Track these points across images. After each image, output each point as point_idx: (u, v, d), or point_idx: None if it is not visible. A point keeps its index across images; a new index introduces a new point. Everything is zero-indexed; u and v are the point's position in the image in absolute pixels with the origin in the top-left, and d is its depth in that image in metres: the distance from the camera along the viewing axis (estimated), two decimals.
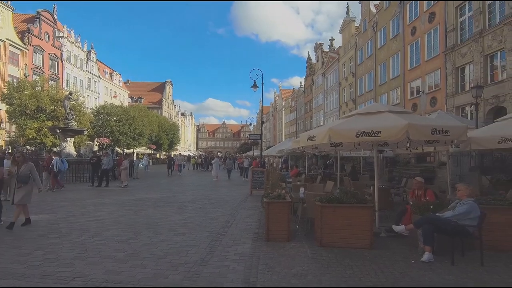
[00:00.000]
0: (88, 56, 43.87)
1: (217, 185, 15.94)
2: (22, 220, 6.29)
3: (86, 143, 27.57)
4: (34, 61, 33.22)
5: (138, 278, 3.66)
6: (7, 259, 4.24)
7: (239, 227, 6.42)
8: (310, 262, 4.34)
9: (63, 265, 4.04)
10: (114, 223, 6.55)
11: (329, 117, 35.88)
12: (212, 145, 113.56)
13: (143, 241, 5.23)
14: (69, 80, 38.94)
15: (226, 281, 3.67)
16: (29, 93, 22.35)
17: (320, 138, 5.71)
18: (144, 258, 4.38)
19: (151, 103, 63.53)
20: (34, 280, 3.53)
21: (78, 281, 3.54)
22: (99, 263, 4.15)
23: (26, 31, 32.27)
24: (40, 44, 33.96)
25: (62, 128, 18.00)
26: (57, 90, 25.57)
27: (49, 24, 35.68)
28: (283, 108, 63.62)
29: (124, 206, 8.73)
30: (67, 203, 9.10)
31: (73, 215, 7.42)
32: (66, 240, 5.23)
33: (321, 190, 7.95)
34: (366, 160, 19.62)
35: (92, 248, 4.77)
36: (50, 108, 22.63)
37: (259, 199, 10.16)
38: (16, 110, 21.98)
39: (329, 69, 36.36)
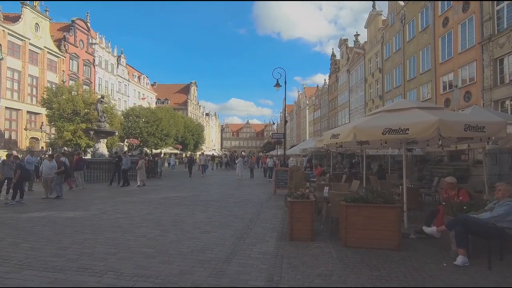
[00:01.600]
0: (118, 61, 45.97)
1: (241, 184, 16.09)
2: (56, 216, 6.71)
3: (117, 144, 28.98)
4: (70, 67, 35.38)
5: (166, 274, 3.79)
6: (48, 252, 4.57)
7: (263, 226, 6.44)
8: (334, 262, 4.27)
9: (97, 259, 4.29)
10: (142, 221, 6.84)
11: (354, 115, 34.93)
12: (236, 145, 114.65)
13: (170, 238, 5.41)
14: (101, 84, 41.06)
15: (250, 279, 3.70)
16: (66, 97, 23.88)
17: (344, 136, 5.59)
18: (171, 254, 4.54)
19: (177, 104, 65.39)
20: (72, 273, 3.78)
21: (111, 274, 3.74)
22: (129, 258, 4.35)
23: (62, 39, 34.44)
24: (75, 51, 36.11)
25: (95, 130, 19.03)
26: (90, 94, 27.09)
27: (83, 32, 37.82)
28: (307, 106, 62.82)
29: (151, 204, 9.07)
30: (98, 201, 9.61)
31: (105, 212, 7.83)
32: (99, 235, 5.54)
33: (346, 189, 7.78)
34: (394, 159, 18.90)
35: (123, 244, 5.02)
36: (84, 111, 24.03)
37: (283, 198, 10.13)
38: (55, 114, 23.58)
39: (354, 66, 35.38)
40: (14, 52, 28.63)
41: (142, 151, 31.75)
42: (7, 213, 7.36)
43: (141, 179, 14.15)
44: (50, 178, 10.22)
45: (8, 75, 27.98)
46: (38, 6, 30.85)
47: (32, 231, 5.84)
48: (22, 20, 29.01)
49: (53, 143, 26.45)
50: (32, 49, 30.27)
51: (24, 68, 29.40)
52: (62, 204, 8.94)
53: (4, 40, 27.22)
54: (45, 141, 30.18)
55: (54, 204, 9.04)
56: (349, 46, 38.70)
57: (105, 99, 23.92)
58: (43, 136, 30.79)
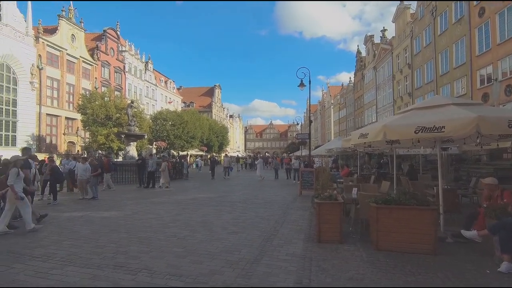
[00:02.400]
0: (146, 67, 47.83)
1: (266, 185, 16.09)
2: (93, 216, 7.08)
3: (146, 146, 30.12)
4: (102, 75, 37.38)
5: (196, 273, 3.88)
6: (87, 250, 4.85)
7: (290, 228, 6.40)
8: (366, 266, 4.14)
9: (131, 257, 4.48)
10: (172, 221, 7.04)
11: (382, 113, 33.72)
12: (260, 146, 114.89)
13: (199, 239, 5.53)
14: (130, 90, 42.93)
15: (279, 280, 3.69)
16: (99, 103, 25.24)
17: (373, 135, 5.41)
18: (201, 254, 4.63)
19: (202, 107, 66.78)
20: (109, 270, 3.98)
21: (145, 272, 3.89)
22: (161, 257, 4.50)
23: (95, 48, 36.48)
24: (107, 59, 38.08)
25: (126, 134, 19.90)
26: (121, 99, 28.43)
27: (114, 40, 39.81)
28: (332, 105, 61.59)
29: (180, 205, 9.32)
30: (131, 202, 10.03)
31: (137, 212, 8.16)
32: (133, 235, 5.78)
33: (375, 190, 7.52)
34: (427, 158, 17.99)
35: (155, 244, 5.20)
36: (116, 115, 25.25)
37: (309, 199, 10.00)
38: (89, 119, 25.01)
39: (381, 62, 34.17)
40: (53, 62, 30.72)
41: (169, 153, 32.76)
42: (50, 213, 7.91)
43: (164, 181, 14.38)
44: (84, 180, 10.82)
45: (48, 84, 30.09)
46: (73, 18, 32.90)
47: (73, 230, 6.21)
48: (59, 32, 31.07)
49: (87, 146, 28.03)
50: (69, 58, 32.32)
51: (62, 77, 31.48)
52: (97, 205, 9.44)
53: (43, 51, 29.30)
54: (81, 145, 32.05)
55: (90, 204, 9.57)
56: (375, 42, 37.48)
57: (135, 104, 24.98)
58: (78, 140, 32.73)
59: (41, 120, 29.01)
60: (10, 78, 26.69)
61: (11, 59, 26.23)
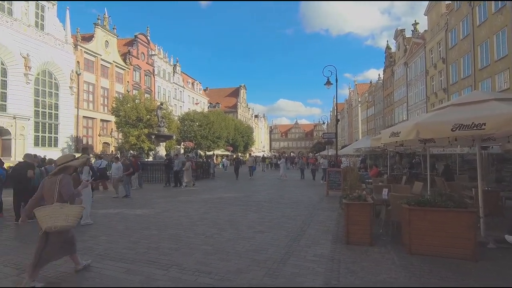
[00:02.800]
0: (174, 69, 49.34)
1: (291, 185, 15.97)
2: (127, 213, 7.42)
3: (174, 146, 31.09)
4: (133, 78, 39.13)
5: (224, 271, 3.95)
6: (122, 245, 5.10)
7: (317, 228, 6.31)
8: (398, 270, 3.98)
9: (162, 254, 4.65)
10: (200, 219, 7.21)
11: (413, 111, 32.18)
12: (285, 146, 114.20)
13: (226, 237, 5.62)
14: (159, 92, 44.50)
15: (306, 281, 3.66)
16: (131, 105, 26.45)
17: (405, 134, 5.18)
18: (228, 252, 4.71)
19: (227, 108, 67.67)
20: (142, 264, 4.17)
21: (175, 268, 4.03)
22: (191, 254, 4.63)
23: (127, 53, 38.28)
24: (138, 63, 39.81)
25: (156, 135, 20.68)
26: (151, 102, 29.56)
27: (144, 45, 41.52)
28: (359, 104, 59.78)
29: (207, 204, 9.52)
30: (161, 200, 10.41)
31: (167, 210, 8.45)
32: (163, 232, 6.00)
33: (407, 191, 7.19)
34: (464, 158, 16.89)
35: (184, 241, 5.36)
36: (146, 117, 26.31)
37: (336, 200, 9.79)
38: (122, 121, 26.29)
39: (413, 57, 32.61)
40: (89, 67, 32.65)
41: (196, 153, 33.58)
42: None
43: (187, 180, 14.58)
44: (117, 178, 11.38)
45: (84, 88, 32.03)
46: (107, 25, 34.75)
47: (108, 226, 6.57)
48: (94, 39, 32.97)
49: (120, 147, 29.47)
50: (103, 63, 34.18)
51: (97, 81, 33.37)
52: (130, 203, 9.90)
53: (81, 58, 31.24)
54: (114, 146, 33.75)
55: (124, 202, 10.06)
56: (406, 37, 35.85)
57: (164, 106, 25.88)
58: (112, 141, 34.50)
59: (78, 122, 30.95)
60: (52, 84, 28.74)
61: (53, 65, 28.22)
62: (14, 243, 5.34)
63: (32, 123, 26.14)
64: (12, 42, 24.11)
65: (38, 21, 26.91)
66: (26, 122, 25.18)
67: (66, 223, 3.51)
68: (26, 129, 25.18)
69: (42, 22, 27.36)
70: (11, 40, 24.02)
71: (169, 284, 3.56)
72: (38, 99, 27.24)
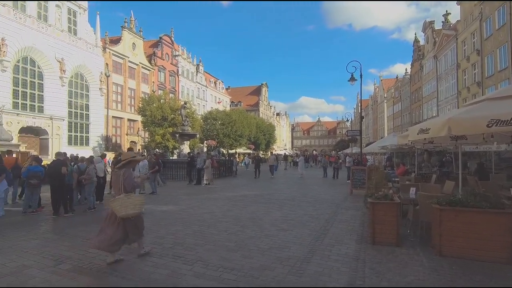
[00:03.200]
0: (197, 69, 50.29)
1: (314, 183, 15.78)
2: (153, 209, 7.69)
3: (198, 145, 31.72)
4: (158, 78, 40.35)
5: (248, 267, 3.99)
6: (149, 240, 5.29)
7: (341, 227, 6.20)
8: (427, 272, 3.83)
9: (187, 249, 4.78)
10: (223, 216, 7.33)
11: (443, 107, 30.62)
12: (307, 144, 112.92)
13: (249, 234, 5.67)
14: (183, 92, 45.57)
15: (331, 280, 3.62)
16: (156, 105, 27.31)
17: (435, 130, 4.94)
18: (251, 250, 4.75)
19: (249, 106, 67.99)
20: (168, 259, 4.31)
21: (200, 264, 4.13)
22: (214, 250, 4.73)
23: (152, 54, 39.53)
24: (162, 64, 40.99)
25: (180, 133, 21.21)
26: (175, 101, 30.35)
27: (168, 46, 42.66)
28: (385, 100, 57.76)
29: (230, 201, 9.64)
30: (185, 197, 10.67)
31: (191, 207, 8.66)
32: (188, 228, 6.16)
33: (437, 191, 6.87)
34: (501, 156, 15.87)
35: (208, 237, 5.47)
36: (171, 116, 27.05)
37: (361, 199, 9.56)
38: (148, 120, 27.22)
39: (444, 50, 30.97)
40: (117, 69, 34.08)
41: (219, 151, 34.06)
42: None
43: (207, 177, 14.69)
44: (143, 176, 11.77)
45: (113, 89, 33.49)
46: (134, 28, 36.06)
47: None
48: (122, 41, 34.34)
49: (147, 145, 30.53)
50: (130, 65, 35.54)
51: (124, 82, 34.77)
52: (156, 199, 10.25)
53: (110, 60, 32.67)
54: (141, 144, 35.04)
55: (150, 199, 10.41)
56: (435, 29, 34.10)
57: (187, 105, 26.48)
58: (139, 139, 35.83)
59: (108, 122, 32.44)
60: (83, 86, 30.32)
61: (84, 68, 29.75)
62: (52, 236, 5.71)
63: (66, 123, 27.76)
64: (47, 47, 25.67)
65: (71, 26, 28.45)
66: (61, 123, 26.78)
67: (134, 210, 4.19)
68: (61, 129, 26.80)
69: (75, 27, 28.89)
70: (46, 45, 25.58)
71: (193, 279, 3.65)
72: (71, 101, 28.87)
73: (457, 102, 27.22)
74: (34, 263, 4.19)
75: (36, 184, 7.70)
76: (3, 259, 4.31)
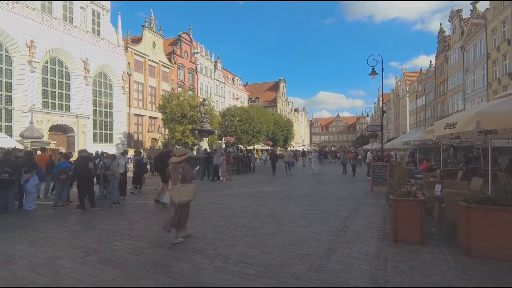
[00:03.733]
0: (215, 66, 50.70)
1: (333, 180, 15.56)
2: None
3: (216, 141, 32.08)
4: (178, 76, 41.06)
5: (267, 263, 4.01)
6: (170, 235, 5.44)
7: (361, 225, 6.09)
8: (453, 272, 3.69)
9: (208, 244, 4.87)
10: (242, 212, 7.39)
11: (471, 100, 29.18)
12: (326, 140, 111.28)
13: (268, 230, 5.69)
14: (202, 89, 46.13)
15: (351, 278, 3.57)
16: (176, 103, 27.84)
17: (462, 125, 4.71)
18: (270, 246, 4.77)
19: (267, 102, 67.85)
20: (189, 253, 4.41)
21: (220, 258, 4.20)
22: (234, 245, 4.79)
23: (171, 52, 40.23)
24: (182, 62, 41.64)
25: (199, 130, 21.53)
26: (194, 98, 30.81)
27: (187, 44, 43.24)
28: (407, 94, 55.76)
29: (248, 197, 9.70)
30: (204, 193, 10.82)
31: (210, 202, 8.79)
32: (208, 223, 6.27)
33: (464, 188, 6.59)
34: None
35: (227, 232, 5.55)
36: (190, 113, 27.51)
37: (381, 196, 9.35)
38: (168, 117, 27.82)
39: (472, 40, 29.41)
40: (138, 68, 34.99)
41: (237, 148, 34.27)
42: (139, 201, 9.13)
43: (222, 174, 14.71)
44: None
45: (134, 88, 34.45)
46: (154, 27, 36.82)
47: (158, 216, 7.04)
48: (143, 41, 35.17)
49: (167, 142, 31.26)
50: (151, 64, 36.39)
51: (145, 80, 35.66)
52: None
53: (131, 59, 33.58)
54: (162, 141, 35.91)
55: None
56: (463, 18, 32.42)
57: (206, 102, 26.77)
58: (160, 136, 36.73)
59: (130, 120, 33.46)
60: (107, 85, 31.39)
61: (107, 68, 30.77)
62: (80, 228, 5.99)
63: (91, 121, 28.91)
64: (73, 48, 26.76)
65: (94, 27, 29.47)
66: (86, 120, 27.93)
67: (188, 198, 4.96)
68: (87, 127, 27.94)
69: (98, 28, 29.89)
70: (72, 46, 26.67)
71: (214, 273, 3.72)
72: (96, 99, 29.98)
73: (487, 94, 25.86)
74: (64, 254, 4.43)
75: (64, 179, 8.11)
76: (36, 250, 4.58)
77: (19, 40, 22.57)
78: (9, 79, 22.60)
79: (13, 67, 22.77)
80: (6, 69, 22.43)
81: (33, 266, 3.97)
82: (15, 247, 4.76)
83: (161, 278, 3.60)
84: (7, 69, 22.49)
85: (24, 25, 22.81)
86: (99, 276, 3.66)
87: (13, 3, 22.15)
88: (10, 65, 22.67)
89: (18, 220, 6.60)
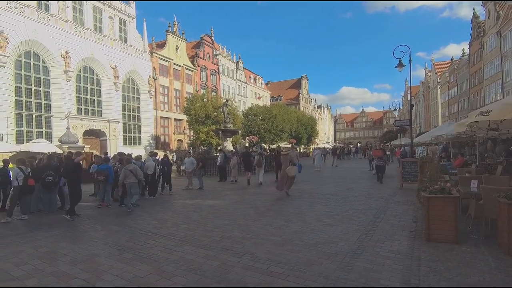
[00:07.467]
0: (237, 66, 51.10)
1: (360, 177, 15.16)
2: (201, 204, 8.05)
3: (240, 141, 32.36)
4: (201, 78, 41.89)
5: (295, 262, 4.02)
6: (199, 233, 5.61)
7: (391, 223, 5.90)
8: (494, 272, 3.49)
9: (235, 242, 4.96)
10: (267, 211, 7.42)
11: (510, 89, 27.12)
12: (351, 136, 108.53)
13: (293, 229, 5.68)
14: (224, 89, 46.70)
15: (382, 278, 3.48)
16: (200, 104, 28.43)
17: (497, 113, 4.41)
18: (297, 244, 4.76)
19: (289, 100, 67.28)
20: (218, 251, 4.52)
21: (248, 256, 4.26)
22: (261, 244, 4.83)
23: (194, 55, 41.11)
24: (204, 63, 42.43)
25: (222, 130, 21.84)
26: (217, 99, 31.26)
27: (209, 46, 43.98)
28: (438, 85, 52.90)
29: (273, 196, 9.67)
30: (229, 192, 11.00)
31: (236, 202, 8.91)
32: (234, 222, 6.37)
33: (505, 184, 6.16)
34: None
35: (254, 231, 5.61)
36: (213, 114, 27.97)
37: (412, 193, 8.99)
38: (193, 119, 28.48)
39: (509, 24, 27.32)
40: (163, 72, 36.11)
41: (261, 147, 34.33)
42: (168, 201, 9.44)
43: (233, 175, 14.31)
44: (190, 172, 12.38)
45: (160, 91, 35.61)
46: (177, 31, 37.82)
47: (186, 215, 7.27)
48: (167, 45, 36.24)
49: (192, 143, 32.00)
50: (175, 67, 37.42)
51: (170, 84, 36.74)
52: (204, 194, 10.73)
53: (156, 64, 34.73)
54: (187, 142, 36.83)
55: (198, 194, 10.96)
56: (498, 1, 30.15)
57: (229, 102, 27.06)
58: (185, 138, 37.69)
59: (157, 123, 34.63)
60: (134, 89, 32.71)
61: (134, 73, 32.06)
62: (115, 227, 6.32)
63: (121, 125, 30.25)
64: (103, 56, 28.16)
65: (121, 35, 30.79)
66: (117, 125, 29.28)
67: (293, 173, 9.63)
68: (117, 131, 29.29)
69: (125, 36, 31.19)
70: (102, 55, 28.06)
71: (242, 271, 3.78)
72: (125, 104, 31.33)
73: None
74: (101, 251, 4.71)
75: (103, 180, 8.61)
76: (77, 248, 4.91)
77: (55, 51, 24.10)
78: (47, 88, 24.23)
79: (51, 77, 24.37)
80: (44, 79, 24.07)
81: (75, 262, 4.26)
82: (59, 244, 5.13)
83: (191, 275, 3.72)
84: (45, 79, 24.13)
85: (59, 37, 24.32)
86: (134, 272, 3.85)
87: (48, 17, 23.69)
88: (47, 75, 24.29)
89: (60, 219, 7.08)
